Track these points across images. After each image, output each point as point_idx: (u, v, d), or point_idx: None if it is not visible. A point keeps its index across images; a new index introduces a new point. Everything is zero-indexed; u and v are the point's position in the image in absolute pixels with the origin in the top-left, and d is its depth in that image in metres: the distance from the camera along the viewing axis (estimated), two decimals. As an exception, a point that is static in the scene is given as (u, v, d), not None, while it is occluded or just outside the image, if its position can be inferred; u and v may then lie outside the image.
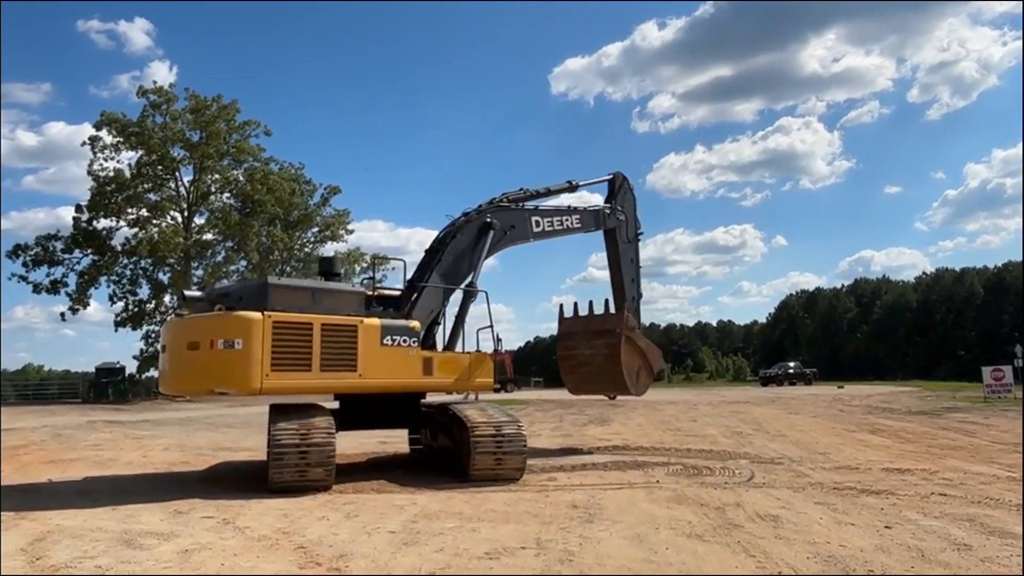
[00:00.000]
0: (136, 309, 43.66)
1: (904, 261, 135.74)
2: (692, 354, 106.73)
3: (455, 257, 11.25)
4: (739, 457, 11.86)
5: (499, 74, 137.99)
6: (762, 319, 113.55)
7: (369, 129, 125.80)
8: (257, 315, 8.78)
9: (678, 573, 5.29)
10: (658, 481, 9.47)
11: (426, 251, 11.61)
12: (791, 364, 60.05)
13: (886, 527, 6.64)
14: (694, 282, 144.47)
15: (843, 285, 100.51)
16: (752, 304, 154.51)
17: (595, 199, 14.36)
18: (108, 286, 43.85)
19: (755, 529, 6.62)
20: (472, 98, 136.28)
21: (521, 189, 12.60)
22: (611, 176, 14.26)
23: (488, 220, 11.59)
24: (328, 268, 11.22)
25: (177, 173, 44.78)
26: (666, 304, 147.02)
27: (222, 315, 8.91)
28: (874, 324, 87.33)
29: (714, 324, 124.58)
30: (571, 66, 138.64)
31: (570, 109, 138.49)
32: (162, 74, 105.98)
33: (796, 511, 7.42)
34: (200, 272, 45.71)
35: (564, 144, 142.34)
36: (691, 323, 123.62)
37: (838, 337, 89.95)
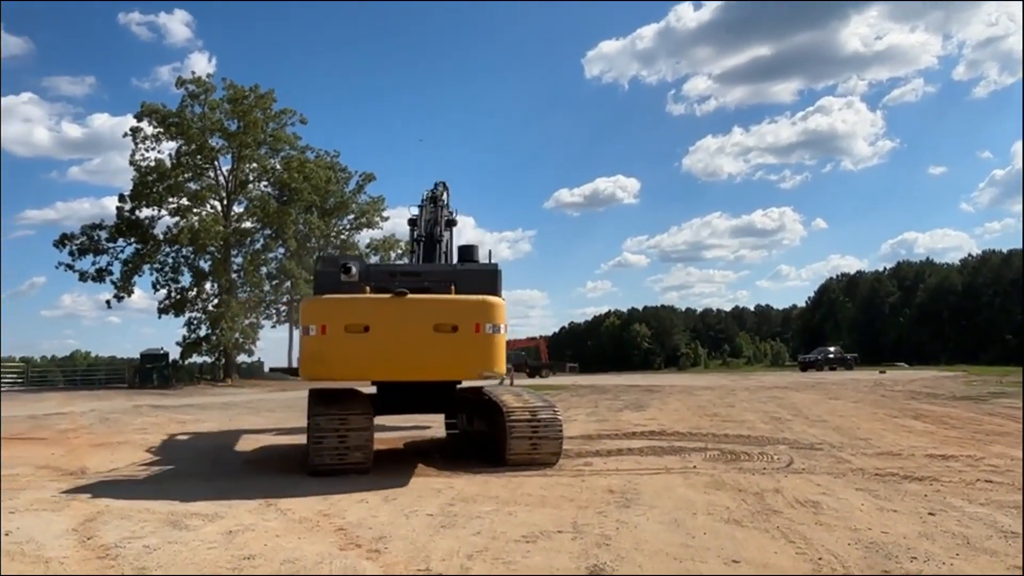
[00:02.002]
0: (178, 296, 44.56)
1: (949, 243, 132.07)
2: (729, 339, 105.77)
3: None
4: (777, 443, 11.73)
5: (532, 59, 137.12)
6: (801, 303, 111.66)
7: (402, 115, 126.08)
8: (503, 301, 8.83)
9: (716, 558, 5.26)
10: (695, 466, 9.42)
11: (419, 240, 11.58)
12: (831, 349, 59.00)
13: (930, 514, 6.53)
14: (731, 266, 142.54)
15: (885, 268, 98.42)
16: (791, 288, 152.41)
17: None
18: (151, 274, 44.83)
19: (794, 515, 6.55)
20: (504, 84, 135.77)
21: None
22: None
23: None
24: (468, 256, 10.83)
25: (216, 162, 45.52)
26: (703, 289, 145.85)
27: (485, 299, 8.79)
28: (917, 308, 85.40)
29: (752, 309, 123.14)
30: (605, 49, 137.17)
31: (604, 93, 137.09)
32: (201, 65, 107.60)
33: (837, 497, 7.33)
34: (239, 260, 46.52)
35: (598, 128, 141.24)
36: (728, 308, 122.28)
37: (880, 321, 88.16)
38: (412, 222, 12.12)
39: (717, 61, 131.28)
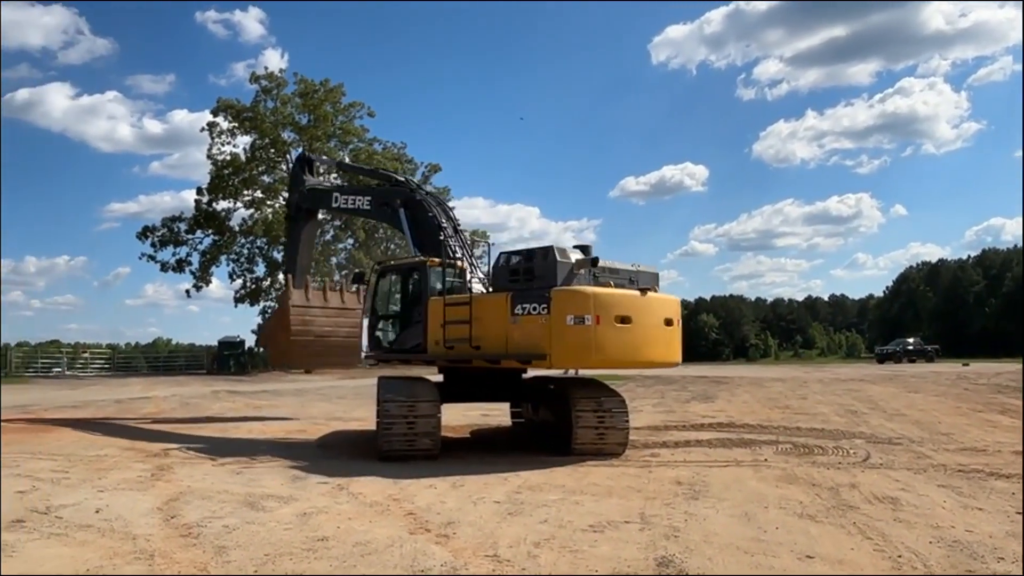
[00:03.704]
0: (253, 286, 46.08)
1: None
2: (801, 330, 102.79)
3: None
4: (853, 436, 11.37)
5: (597, 46, 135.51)
6: (878, 293, 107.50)
7: (467, 105, 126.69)
8: None
9: (789, 553, 5.14)
10: (766, 459, 9.22)
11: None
12: (910, 340, 56.73)
13: (1018, 513, 6.22)
14: (804, 255, 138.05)
15: (969, 256, 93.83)
16: (868, 277, 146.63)
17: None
18: (227, 264, 46.53)
19: (872, 511, 6.35)
20: (569, 72, 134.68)
21: None
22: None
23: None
24: (587, 254, 11.07)
25: (288, 155, 46.65)
26: (774, 278, 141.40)
27: (678, 299, 9.93)
28: (1004, 297, 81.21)
29: (826, 298, 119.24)
30: (672, 34, 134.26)
31: (671, 79, 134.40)
32: (274, 61, 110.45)
33: (917, 493, 7.07)
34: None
35: (665, 116, 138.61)
36: (800, 298, 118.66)
37: (963, 311, 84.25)
38: None
39: (789, 43, 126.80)
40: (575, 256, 9.30)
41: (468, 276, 10.95)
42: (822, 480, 7.76)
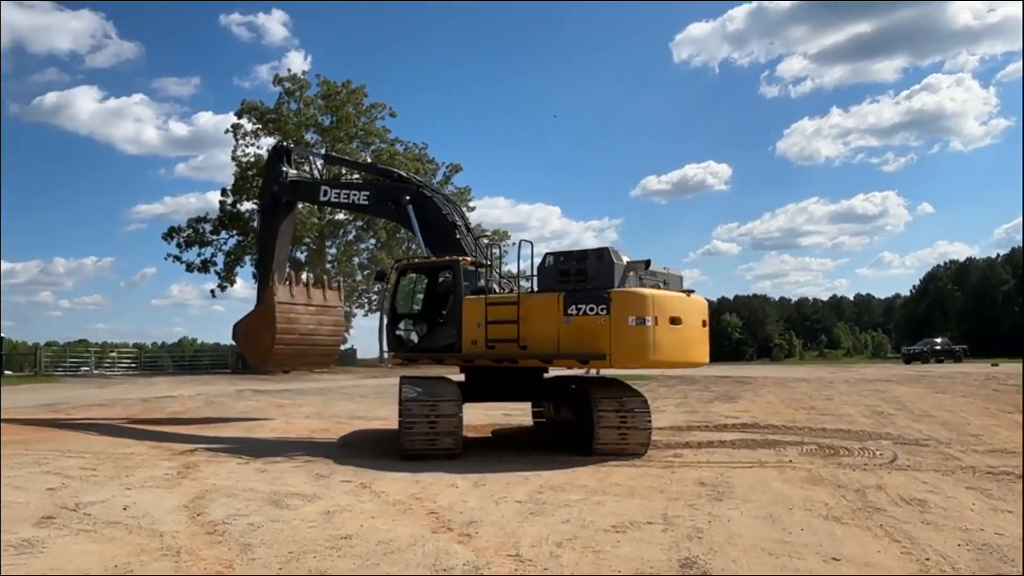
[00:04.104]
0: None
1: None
2: (826, 330, 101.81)
3: None
4: (880, 438, 11.22)
5: (618, 44, 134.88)
6: (905, 292, 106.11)
7: (488, 103, 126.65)
8: None
9: (815, 555, 5.09)
10: (791, 460, 9.13)
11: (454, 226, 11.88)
12: (938, 340, 55.88)
13: (1050, 516, 6.11)
14: (829, 254, 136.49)
15: (999, 255, 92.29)
16: (894, 276, 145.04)
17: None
18: (252, 264, 46.90)
19: (899, 513, 6.26)
20: (590, 70, 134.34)
21: None
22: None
23: None
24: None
25: (310, 157, 47.05)
26: (798, 277, 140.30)
27: (703, 299, 10.07)
28: (1034, 297, 79.80)
29: (851, 298, 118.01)
30: (694, 32, 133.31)
31: (693, 77, 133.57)
32: (297, 63, 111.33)
33: (945, 495, 6.96)
34: (333, 251, 48.07)
35: (687, 114, 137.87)
36: (825, 297, 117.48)
37: (992, 311, 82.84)
38: None
39: (813, 40, 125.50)
40: (626, 259, 9.44)
41: (488, 275, 10.96)
42: (848, 482, 7.67)
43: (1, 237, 74.60)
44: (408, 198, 12.29)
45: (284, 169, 15.25)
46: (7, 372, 37.74)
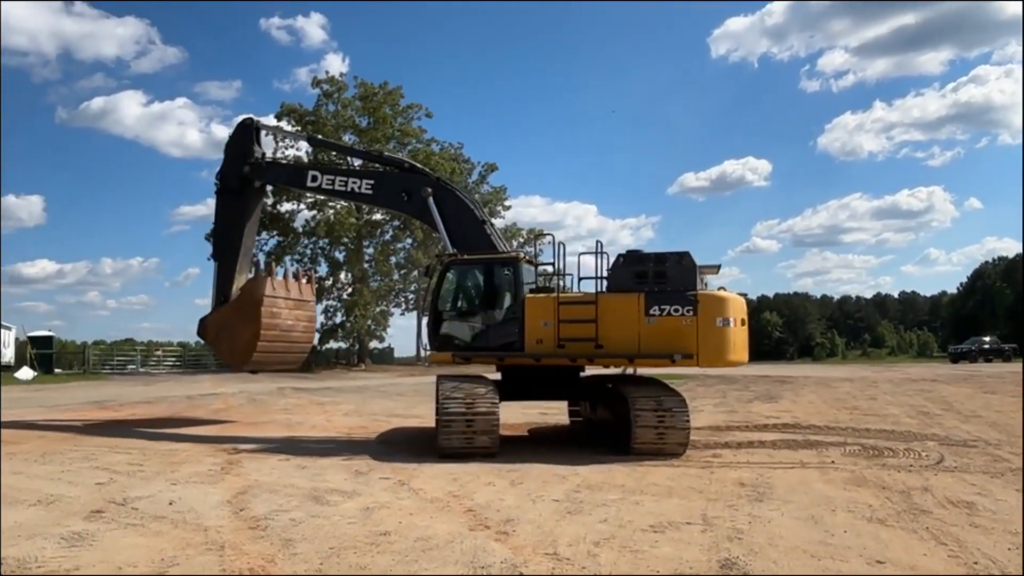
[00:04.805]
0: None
1: None
2: (870, 328, 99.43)
3: None
4: (925, 439, 10.96)
5: (654, 40, 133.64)
6: (952, 289, 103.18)
7: (523, 101, 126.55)
8: None
9: (858, 557, 4.99)
10: (833, 461, 8.97)
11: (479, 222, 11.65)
12: (986, 339, 54.38)
13: (1107, 521, 5.91)
14: (872, 251, 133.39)
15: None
16: (940, 273, 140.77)
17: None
18: (292, 264, 47.57)
19: (945, 515, 6.11)
20: (627, 67, 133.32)
21: None
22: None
23: None
24: None
25: (349, 158, 47.64)
26: (840, 275, 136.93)
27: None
28: (1088, 294, 77.12)
29: (896, 296, 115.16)
30: (732, 27, 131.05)
31: (732, 72, 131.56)
32: (335, 65, 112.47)
33: (994, 498, 6.78)
34: (371, 251, 48.56)
35: (725, 110, 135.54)
36: (869, 295, 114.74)
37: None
38: None
39: (855, 33, 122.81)
40: (699, 262, 9.76)
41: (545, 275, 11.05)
42: (892, 483, 7.51)
43: (1, 233, 76.36)
44: (429, 190, 11.62)
45: (256, 148, 13.95)
46: (57, 370, 38.91)
